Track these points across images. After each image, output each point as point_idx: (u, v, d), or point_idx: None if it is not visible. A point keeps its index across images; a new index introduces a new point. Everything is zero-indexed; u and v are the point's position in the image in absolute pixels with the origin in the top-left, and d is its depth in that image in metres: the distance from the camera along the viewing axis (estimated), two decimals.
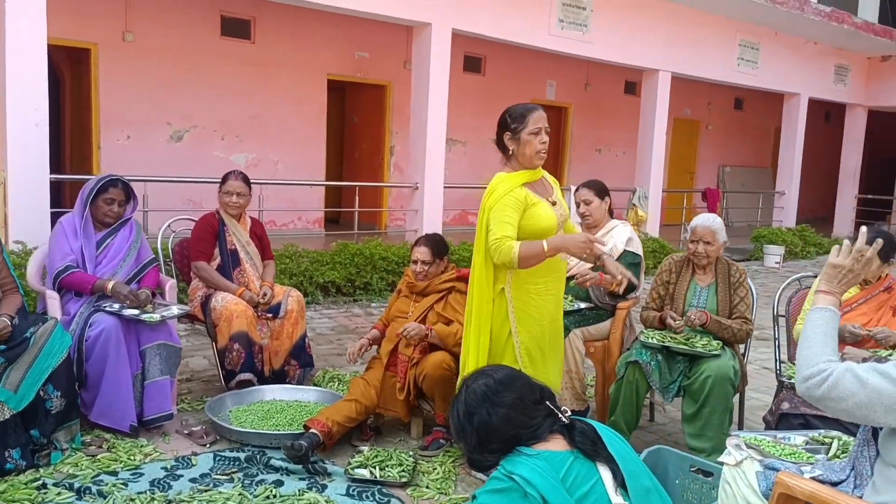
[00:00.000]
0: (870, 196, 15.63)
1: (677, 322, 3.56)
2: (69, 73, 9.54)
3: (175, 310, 3.82)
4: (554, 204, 3.23)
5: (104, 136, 8.82)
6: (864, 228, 2.20)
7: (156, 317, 3.63)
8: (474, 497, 1.82)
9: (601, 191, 4.12)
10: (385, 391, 3.77)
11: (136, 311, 3.63)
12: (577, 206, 4.14)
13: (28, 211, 5.17)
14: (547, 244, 2.99)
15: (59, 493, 2.96)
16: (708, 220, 3.72)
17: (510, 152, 3.21)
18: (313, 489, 3.13)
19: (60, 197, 8.37)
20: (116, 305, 3.63)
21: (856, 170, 15.26)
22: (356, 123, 12.04)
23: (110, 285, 3.68)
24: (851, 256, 2.07)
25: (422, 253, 3.83)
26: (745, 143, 17.31)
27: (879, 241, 2.16)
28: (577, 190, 4.21)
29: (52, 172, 5.49)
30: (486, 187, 3.25)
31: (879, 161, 18.17)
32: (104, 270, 3.80)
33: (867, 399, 1.76)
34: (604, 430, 1.93)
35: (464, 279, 3.82)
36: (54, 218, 4.48)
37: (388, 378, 3.75)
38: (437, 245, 3.88)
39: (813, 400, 1.85)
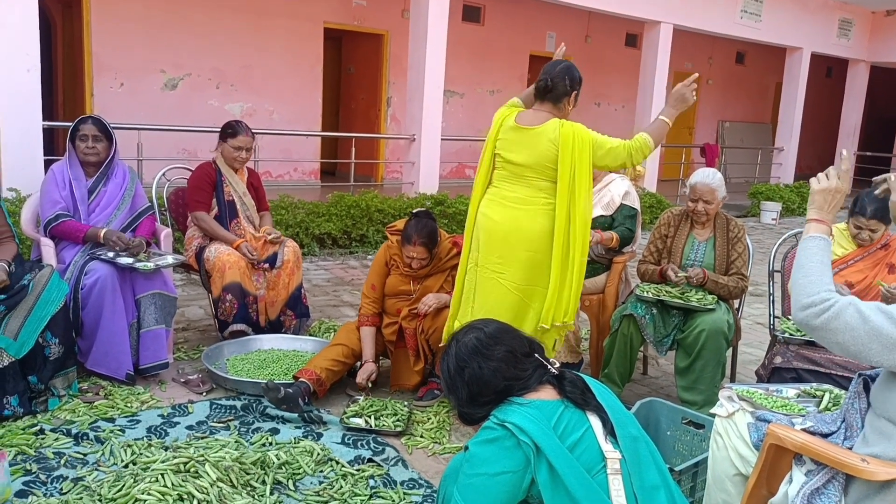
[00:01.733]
0: (869, 153, 15.57)
1: (679, 276, 3.55)
2: (60, 18, 9.35)
3: (170, 258, 3.81)
4: None
5: (97, 83, 8.69)
6: (844, 152, 2.22)
7: (150, 265, 3.62)
8: (466, 448, 1.83)
9: None
10: (397, 368, 3.78)
11: (130, 260, 3.61)
12: None
13: (21, 158, 5.11)
14: (668, 118, 3.32)
15: (56, 439, 2.98)
16: (707, 178, 3.66)
17: (567, 107, 3.29)
18: (309, 437, 3.16)
19: (53, 144, 8.28)
20: (111, 254, 3.62)
21: (856, 127, 15.15)
22: (353, 73, 11.87)
23: (102, 233, 3.65)
24: (837, 177, 2.05)
25: (418, 252, 3.60)
26: (746, 99, 17.15)
27: (844, 152, 2.20)
28: None
29: (44, 119, 5.42)
30: (483, 140, 3.30)
31: (880, 118, 18.04)
32: (98, 218, 3.77)
33: (866, 335, 1.75)
34: (591, 381, 1.94)
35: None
36: (48, 165, 4.43)
37: (398, 354, 3.76)
38: (431, 239, 3.62)
39: (809, 329, 1.83)
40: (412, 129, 8.39)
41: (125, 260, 3.60)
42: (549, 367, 1.93)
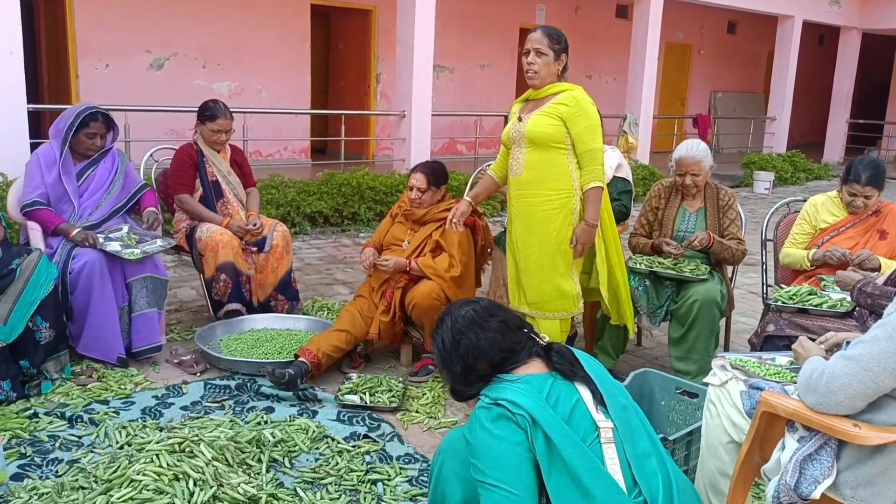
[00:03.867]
0: (861, 121, 15.54)
1: (677, 249, 3.53)
2: None
3: (159, 243, 3.75)
4: (520, 120, 3.27)
5: (81, 65, 8.59)
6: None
7: (137, 252, 3.58)
8: (465, 440, 1.81)
9: None
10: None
11: (117, 247, 3.57)
12: None
13: (6, 142, 5.04)
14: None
15: (50, 422, 2.98)
16: (692, 150, 3.60)
17: None
18: (304, 415, 3.17)
19: (40, 127, 8.20)
20: (100, 238, 3.58)
21: (848, 94, 15.12)
22: (341, 50, 11.75)
23: (74, 232, 3.55)
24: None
25: (417, 179, 3.77)
26: (738, 68, 17.08)
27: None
28: None
29: (29, 102, 5.35)
30: (474, 115, 3.29)
31: (871, 85, 18.00)
32: (87, 203, 3.73)
33: (865, 371, 1.74)
34: (579, 353, 1.94)
35: None
36: (34, 148, 4.39)
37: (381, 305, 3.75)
38: (433, 172, 3.81)
39: (827, 406, 1.82)
40: (402, 105, 8.32)
41: (112, 246, 3.56)
42: (539, 340, 1.93)
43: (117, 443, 2.80)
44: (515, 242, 3.35)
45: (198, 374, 3.59)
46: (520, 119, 3.28)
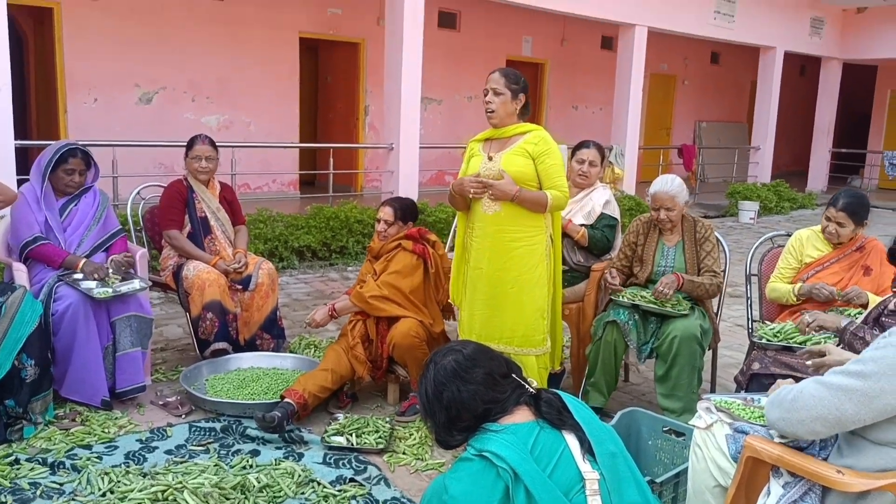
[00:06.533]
0: (843, 150, 15.74)
1: (616, 285, 3.63)
2: (32, 33, 9.24)
3: (137, 284, 3.68)
4: (490, 159, 3.36)
5: (70, 100, 8.60)
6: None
7: (109, 291, 3.54)
8: (446, 489, 1.80)
9: (603, 158, 4.19)
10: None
11: (92, 285, 3.54)
12: (581, 163, 4.07)
13: None
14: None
15: (32, 469, 2.93)
16: (666, 185, 3.65)
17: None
18: (290, 458, 3.14)
19: (28, 163, 8.16)
20: (78, 275, 3.56)
21: (830, 124, 15.32)
22: (330, 83, 11.83)
23: (81, 263, 3.59)
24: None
25: (385, 213, 3.81)
26: (722, 98, 17.29)
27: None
28: (584, 147, 4.13)
29: (17, 138, 5.35)
30: (462, 147, 3.38)
31: (853, 115, 18.25)
32: (71, 238, 3.72)
33: (834, 398, 1.76)
34: (568, 398, 1.93)
35: (411, 238, 3.81)
36: (21, 185, 4.38)
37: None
38: (402, 207, 3.84)
39: (785, 423, 1.85)
40: (390, 137, 8.37)
41: (86, 284, 3.53)
42: (527, 386, 1.92)
43: (99, 490, 2.76)
44: (485, 279, 3.38)
45: (183, 415, 3.55)
46: (490, 158, 3.36)
